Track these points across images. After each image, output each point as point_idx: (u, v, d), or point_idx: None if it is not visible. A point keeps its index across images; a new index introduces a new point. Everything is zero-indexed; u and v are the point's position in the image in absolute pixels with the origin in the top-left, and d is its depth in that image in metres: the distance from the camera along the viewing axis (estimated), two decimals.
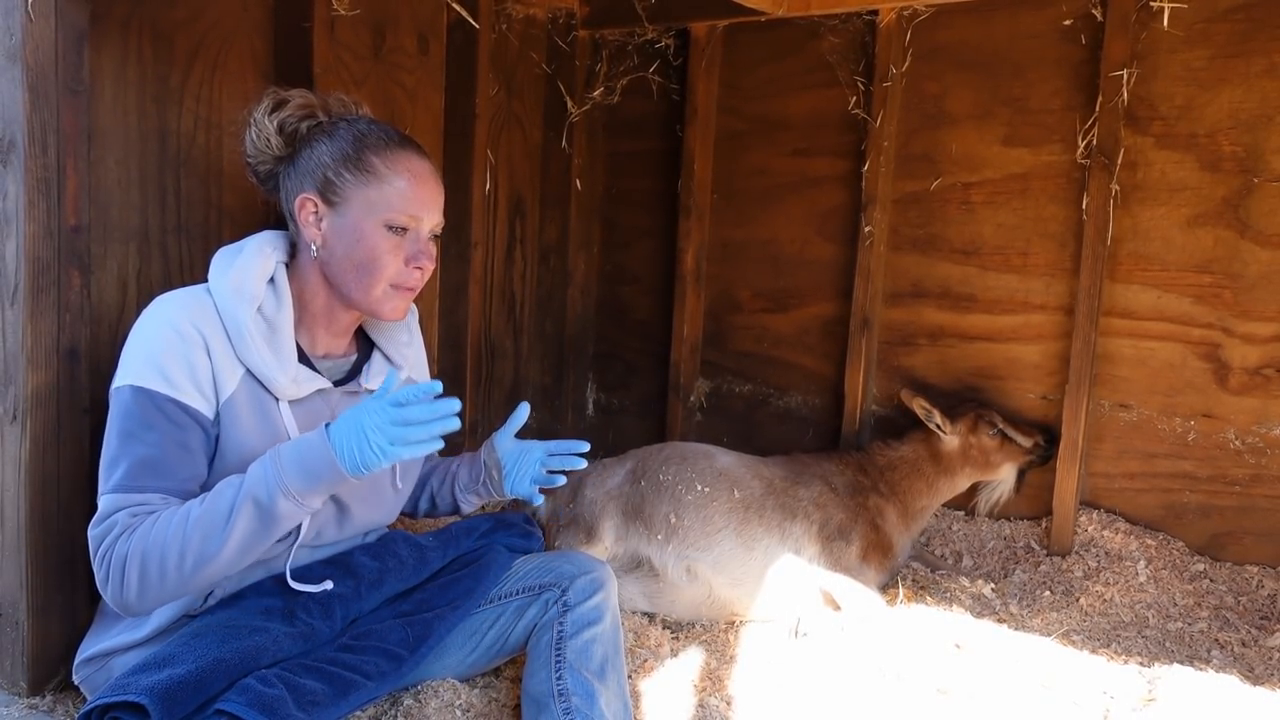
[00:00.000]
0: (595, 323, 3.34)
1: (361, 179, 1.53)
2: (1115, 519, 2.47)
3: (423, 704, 1.66)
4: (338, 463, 1.37)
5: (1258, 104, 2.25)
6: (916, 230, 2.70)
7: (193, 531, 1.35)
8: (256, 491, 1.37)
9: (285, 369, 1.53)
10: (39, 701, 1.69)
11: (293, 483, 1.37)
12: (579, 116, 3.15)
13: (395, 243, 1.54)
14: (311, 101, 1.61)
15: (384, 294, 1.56)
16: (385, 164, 1.54)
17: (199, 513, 1.37)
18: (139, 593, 1.37)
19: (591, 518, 2.27)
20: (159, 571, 1.36)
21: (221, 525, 1.36)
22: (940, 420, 2.46)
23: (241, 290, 1.51)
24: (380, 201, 1.53)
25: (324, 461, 1.37)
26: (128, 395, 1.43)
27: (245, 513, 1.36)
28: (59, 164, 1.64)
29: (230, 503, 1.37)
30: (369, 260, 1.53)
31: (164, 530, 1.36)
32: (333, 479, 1.38)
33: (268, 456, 1.40)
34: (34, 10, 1.57)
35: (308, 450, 1.38)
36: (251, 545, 1.39)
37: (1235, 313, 2.32)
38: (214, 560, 1.36)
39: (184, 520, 1.36)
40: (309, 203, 1.56)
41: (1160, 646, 2.09)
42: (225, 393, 1.48)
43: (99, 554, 1.40)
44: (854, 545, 2.31)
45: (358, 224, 1.53)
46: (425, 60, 2.59)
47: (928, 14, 2.61)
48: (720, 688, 1.92)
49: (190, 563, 1.35)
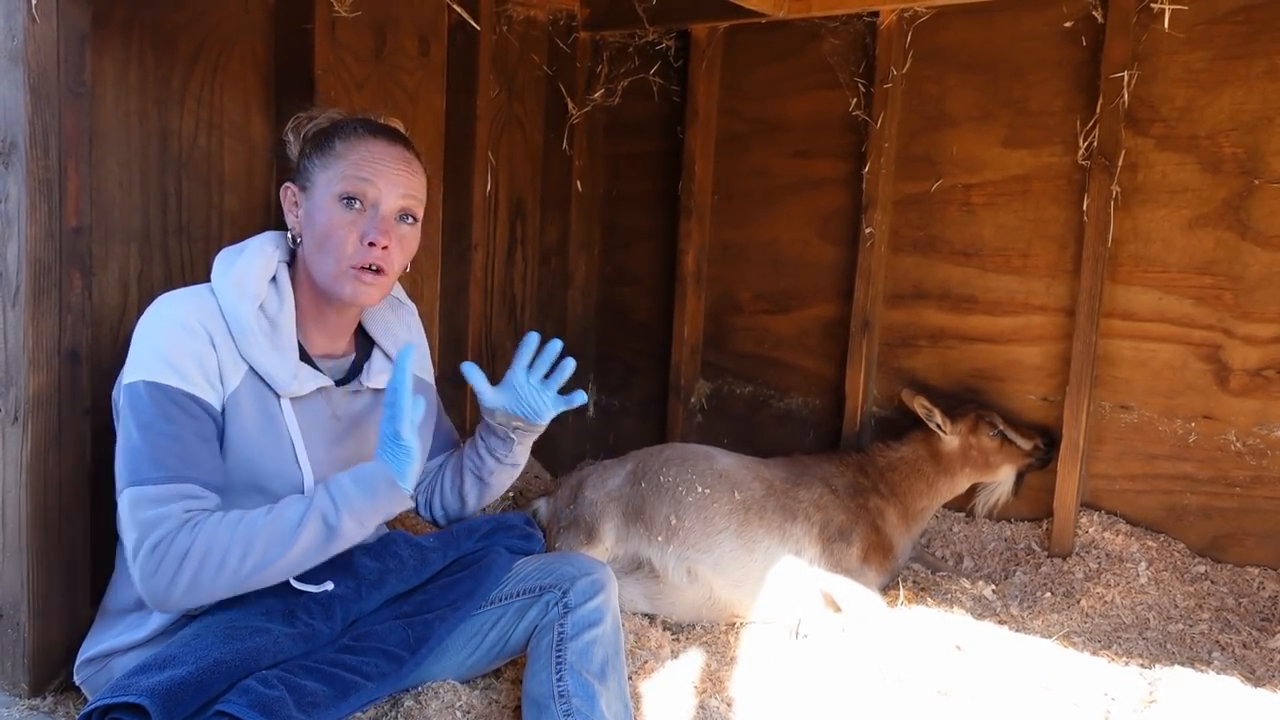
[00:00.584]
0: (596, 324, 3.34)
1: (324, 160, 1.58)
2: (1116, 520, 2.47)
3: (423, 705, 1.66)
4: (394, 476, 1.48)
5: (1259, 105, 2.25)
6: (917, 232, 2.70)
7: (258, 537, 1.41)
8: (324, 509, 1.45)
9: (287, 366, 1.54)
10: (40, 703, 1.69)
11: (355, 501, 1.46)
12: (580, 118, 3.15)
13: (349, 218, 1.55)
14: (336, 115, 1.67)
15: (344, 274, 1.56)
16: (346, 145, 1.58)
17: (265, 521, 1.43)
18: (188, 587, 1.38)
19: (592, 519, 2.27)
20: (216, 569, 1.39)
21: (289, 534, 1.42)
22: (940, 420, 2.46)
23: (244, 288, 1.53)
24: (335, 176, 1.57)
25: (380, 477, 1.47)
26: (143, 390, 1.44)
27: (312, 528, 1.43)
28: (60, 166, 1.64)
29: (300, 515, 1.44)
30: (325, 236, 1.56)
31: (230, 531, 1.40)
32: (390, 494, 1.48)
33: (328, 481, 1.49)
34: (36, 12, 1.57)
35: (364, 472, 1.49)
36: (309, 558, 1.45)
37: (1236, 314, 2.31)
38: (272, 566, 1.42)
39: (251, 525, 1.42)
40: (289, 191, 1.62)
41: (1161, 648, 2.09)
42: (230, 387, 1.50)
43: (151, 543, 1.38)
44: (855, 547, 2.31)
45: (319, 202, 1.57)
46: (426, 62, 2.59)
47: (928, 15, 2.61)
48: (721, 689, 1.92)
49: (250, 565, 1.40)
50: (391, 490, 1.48)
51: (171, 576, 1.38)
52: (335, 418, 1.63)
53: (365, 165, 1.56)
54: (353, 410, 1.66)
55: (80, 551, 1.74)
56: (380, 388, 1.69)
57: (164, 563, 1.38)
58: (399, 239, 1.58)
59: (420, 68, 2.57)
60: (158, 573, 1.38)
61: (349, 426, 1.65)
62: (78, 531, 1.73)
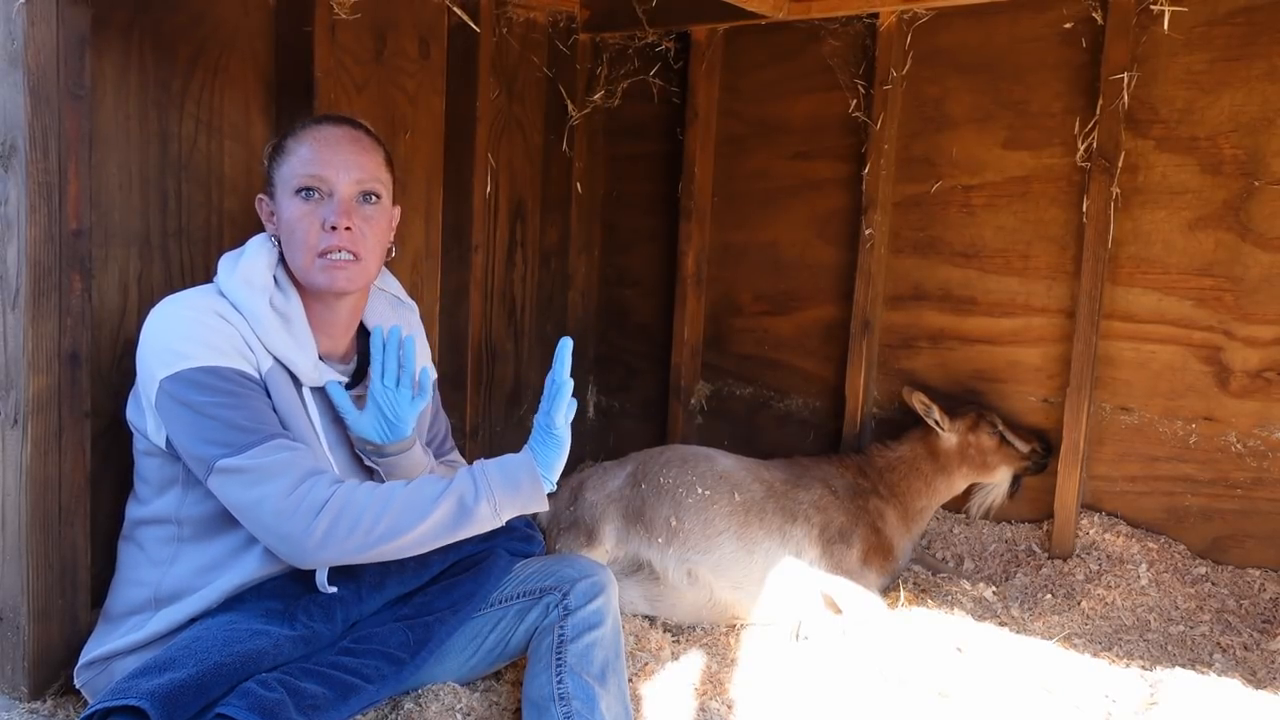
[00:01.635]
0: (596, 326, 3.34)
1: (279, 160, 1.61)
2: (1117, 522, 2.47)
3: (423, 707, 1.66)
4: (537, 471, 1.49)
5: (1258, 107, 2.25)
6: (917, 233, 2.70)
7: (395, 503, 1.43)
8: (463, 489, 1.46)
9: (308, 354, 1.57)
10: (40, 706, 1.69)
11: (495, 487, 1.47)
12: (580, 120, 3.15)
13: (308, 209, 1.57)
14: None
15: (314, 264, 1.57)
16: (295, 141, 1.61)
17: (404, 491, 1.45)
18: (323, 538, 1.40)
19: (592, 521, 2.27)
20: (350, 527, 1.40)
21: (425, 508, 1.43)
22: (939, 416, 2.46)
23: (253, 283, 1.55)
24: (289, 173, 1.59)
25: (524, 470, 1.49)
26: (194, 375, 1.44)
27: (447, 505, 1.44)
28: (60, 168, 1.64)
29: (438, 492, 1.45)
30: (290, 231, 1.58)
31: (368, 495, 1.43)
32: (531, 488, 1.49)
33: (473, 464, 1.50)
34: (36, 15, 1.57)
35: (510, 462, 1.50)
36: (438, 535, 1.46)
37: (1236, 316, 2.31)
38: (403, 535, 1.43)
39: (389, 492, 1.44)
40: (261, 202, 1.65)
41: (1162, 650, 2.09)
42: (264, 367, 1.52)
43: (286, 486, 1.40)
44: (855, 548, 2.31)
45: (280, 201, 1.60)
46: (426, 64, 2.59)
47: (928, 17, 2.61)
48: (721, 691, 1.92)
49: (381, 530, 1.41)
50: (534, 483, 1.49)
51: (309, 522, 1.39)
52: (337, 419, 1.63)
53: (315, 155, 1.58)
54: None
55: (80, 554, 1.74)
56: None
57: (301, 507, 1.39)
58: (364, 219, 1.58)
59: (420, 70, 2.57)
60: (295, 514, 1.39)
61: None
62: (78, 534, 1.73)
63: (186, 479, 1.53)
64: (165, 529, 1.56)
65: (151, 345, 1.48)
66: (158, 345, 1.48)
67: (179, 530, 1.55)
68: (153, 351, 1.48)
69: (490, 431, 3.05)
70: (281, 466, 1.42)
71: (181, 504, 1.54)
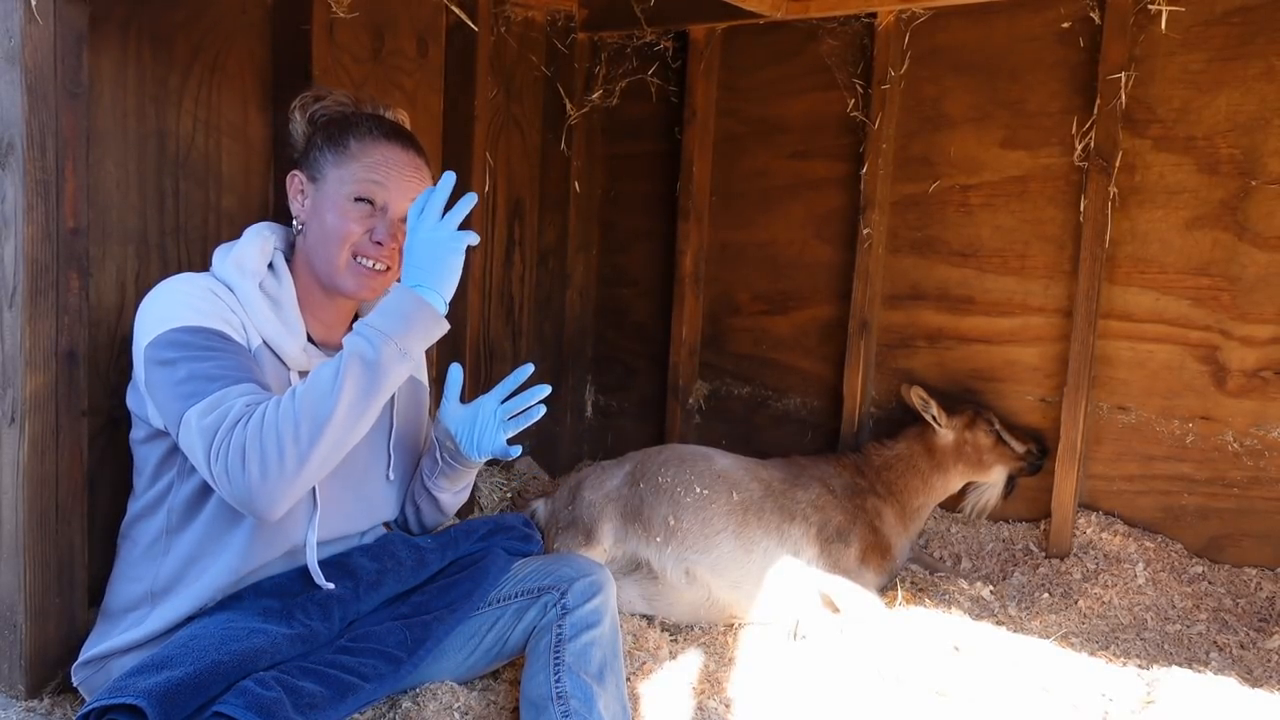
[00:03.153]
0: (594, 325, 3.34)
1: (338, 156, 1.60)
2: (1114, 521, 2.47)
3: (421, 706, 1.66)
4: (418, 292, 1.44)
5: (1255, 107, 2.25)
6: (915, 233, 2.71)
7: (302, 402, 1.36)
8: (359, 348, 1.40)
9: (296, 338, 1.58)
10: (37, 704, 1.69)
11: (389, 327, 1.41)
12: (578, 119, 3.15)
13: (359, 215, 1.59)
14: (345, 100, 1.69)
15: (347, 265, 1.59)
16: (360, 146, 1.61)
17: (304, 386, 1.39)
18: (261, 476, 1.34)
19: (590, 520, 2.27)
20: (278, 450, 1.35)
21: (331, 387, 1.37)
22: (937, 412, 2.47)
23: (244, 267, 1.57)
24: (349, 176, 1.59)
25: (407, 298, 1.43)
26: (177, 333, 1.43)
27: (353, 372, 1.38)
28: (58, 166, 1.64)
29: (335, 368, 1.39)
30: (333, 231, 1.58)
31: (275, 410, 1.37)
32: (420, 313, 1.43)
33: (359, 324, 1.44)
34: (33, 13, 1.57)
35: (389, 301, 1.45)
36: (361, 404, 1.39)
37: (1233, 315, 2.32)
38: (328, 426, 1.36)
39: (291, 396, 1.38)
40: (296, 179, 1.64)
41: (1159, 649, 2.09)
42: (254, 344, 1.53)
43: (214, 447, 1.36)
44: (852, 547, 2.31)
45: (329, 197, 1.60)
46: (424, 63, 2.59)
47: (926, 17, 2.61)
48: (719, 690, 1.92)
49: (306, 435, 1.35)
50: (419, 305, 1.44)
51: (241, 472, 1.35)
52: None
53: (379, 169, 1.59)
54: None
55: (77, 553, 1.74)
56: None
57: (230, 462, 1.35)
58: (401, 236, 1.61)
59: (418, 69, 2.57)
60: (229, 474, 1.36)
61: None
62: (75, 533, 1.73)
63: (181, 465, 1.53)
64: (157, 521, 1.55)
65: (140, 320, 1.49)
66: (145, 317, 1.49)
67: (169, 520, 1.55)
68: (141, 325, 1.49)
69: None
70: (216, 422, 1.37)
71: (171, 490, 1.54)
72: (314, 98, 1.69)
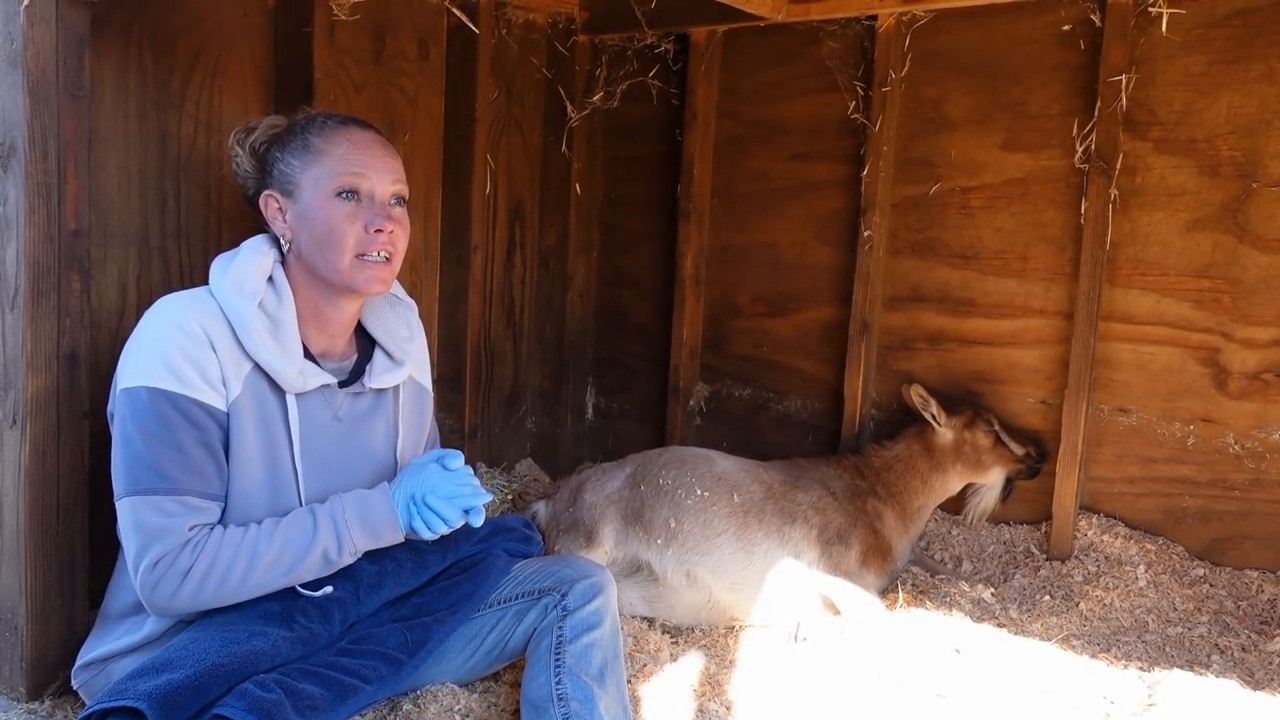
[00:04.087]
0: (595, 327, 3.34)
1: (307, 160, 1.58)
2: (1115, 523, 2.47)
3: (421, 709, 1.66)
4: (400, 525, 1.54)
5: (1256, 109, 2.25)
6: (915, 235, 2.71)
7: (259, 560, 1.46)
8: (328, 545, 1.50)
9: (293, 360, 1.55)
10: (38, 707, 1.69)
11: (359, 543, 1.53)
12: (579, 121, 3.15)
13: (350, 210, 1.57)
14: (277, 121, 1.66)
15: (352, 265, 1.57)
16: (325, 140, 1.59)
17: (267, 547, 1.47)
18: (188, 601, 1.44)
19: (591, 522, 2.27)
20: (217, 587, 1.44)
21: (289, 564, 1.48)
22: (936, 411, 2.47)
23: (242, 286, 1.53)
24: (325, 174, 1.57)
25: (387, 523, 1.54)
26: (144, 396, 1.44)
27: (313, 559, 1.49)
28: (59, 169, 1.64)
29: (303, 548, 1.49)
30: (328, 232, 1.56)
31: (232, 552, 1.45)
32: (392, 539, 1.55)
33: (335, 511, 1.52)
34: (35, 15, 1.58)
35: (372, 512, 1.54)
36: (306, 579, 1.52)
37: (1234, 317, 2.32)
38: (269, 587, 1.48)
39: (253, 549, 1.46)
40: (271, 200, 1.61)
41: (1160, 651, 2.09)
42: (233, 393, 1.50)
43: (152, 559, 1.42)
44: (853, 549, 2.31)
45: (311, 202, 1.57)
46: (425, 65, 2.59)
47: (927, 19, 2.61)
48: (720, 692, 1.92)
49: (251, 586, 1.46)
50: (394, 532, 1.56)
51: (172, 592, 1.42)
52: (336, 419, 1.63)
53: (353, 155, 1.57)
54: (355, 412, 1.66)
55: (79, 554, 1.74)
56: (382, 388, 1.69)
57: (164, 579, 1.42)
58: (397, 221, 1.60)
59: (419, 71, 2.57)
60: (157, 588, 1.42)
61: (350, 427, 1.65)
62: (76, 534, 1.73)
63: None
64: None
65: (128, 350, 1.49)
66: (131, 352, 1.48)
67: None
68: (126, 357, 1.49)
69: (489, 433, 3.05)
70: (159, 534, 1.42)
71: None
72: (245, 131, 1.65)
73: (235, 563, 1.44)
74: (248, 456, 1.50)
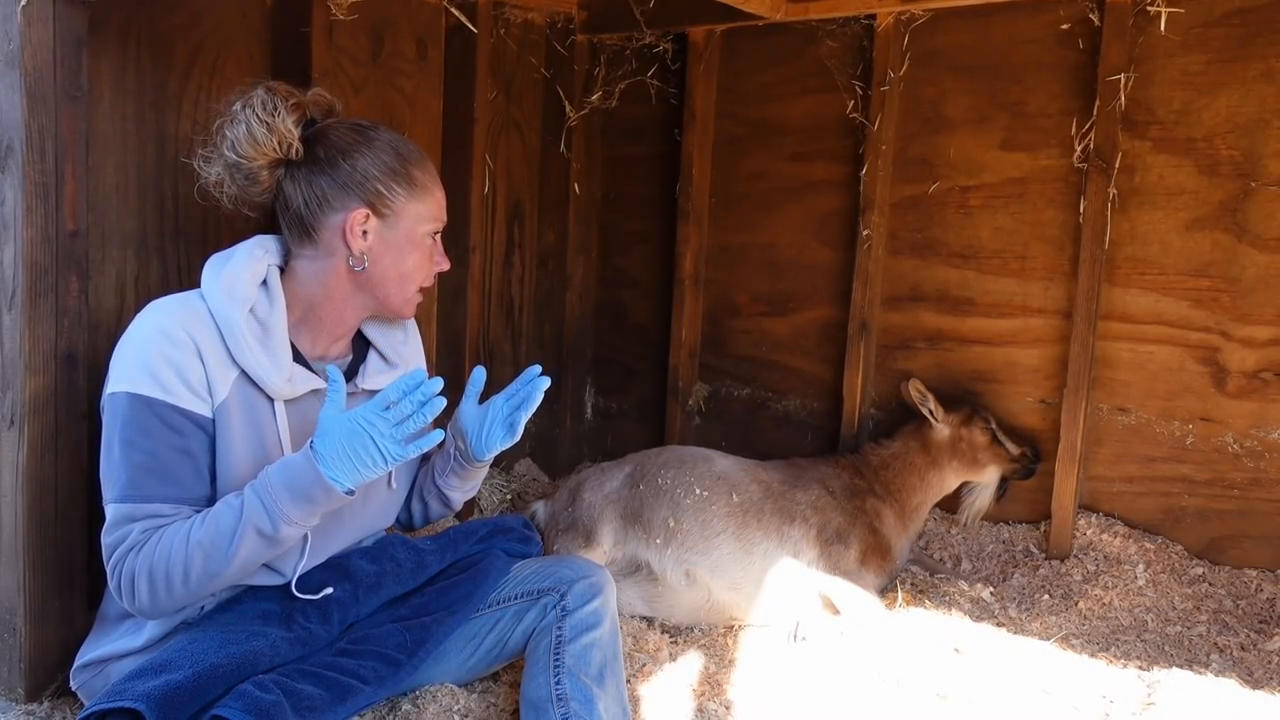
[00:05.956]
0: (594, 327, 3.34)
1: (411, 193, 1.61)
2: (1114, 522, 2.47)
3: (421, 709, 1.66)
4: (330, 483, 1.39)
5: (1255, 108, 2.25)
6: (914, 234, 2.71)
7: (194, 553, 1.39)
8: (258, 521, 1.39)
9: (280, 369, 1.53)
10: (36, 708, 1.69)
11: (291, 512, 1.40)
12: (577, 121, 3.15)
13: (429, 249, 1.66)
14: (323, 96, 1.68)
15: (413, 296, 1.67)
16: (425, 176, 1.63)
17: (200, 535, 1.39)
18: (151, 603, 1.42)
19: (590, 522, 2.27)
20: (166, 587, 1.40)
21: (225, 547, 1.39)
22: (934, 406, 2.47)
23: (233, 292, 1.52)
24: (427, 214, 1.63)
25: (316, 485, 1.39)
26: (124, 402, 1.43)
27: (248, 539, 1.39)
28: (57, 169, 1.64)
29: (232, 528, 1.39)
30: (415, 268, 1.63)
31: (167, 549, 1.39)
32: (328, 499, 1.41)
33: (260, 483, 1.41)
34: (33, 16, 1.57)
35: (297, 476, 1.40)
36: (256, 561, 1.43)
37: (1233, 316, 2.32)
38: (219, 577, 1.41)
39: (184, 542, 1.39)
40: (361, 214, 1.57)
41: (1159, 650, 2.09)
42: (219, 398, 1.49)
43: (112, 565, 1.43)
44: (852, 549, 2.31)
45: (410, 234, 1.62)
46: (424, 65, 2.59)
47: (925, 19, 2.61)
48: (719, 692, 1.92)
49: (195, 579, 1.40)
50: (329, 497, 1.41)
51: (132, 596, 1.42)
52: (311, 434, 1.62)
53: (442, 199, 1.67)
54: None
55: (77, 555, 1.74)
56: (376, 389, 1.68)
57: (122, 584, 1.42)
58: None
59: (418, 71, 2.57)
60: (120, 593, 1.43)
61: None
62: (74, 535, 1.73)
63: None
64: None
65: (115, 354, 1.49)
66: (116, 357, 1.48)
67: None
68: (116, 358, 1.48)
69: None
70: (118, 542, 1.42)
71: None
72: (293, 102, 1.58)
73: (173, 555, 1.38)
74: (236, 460, 1.50)
